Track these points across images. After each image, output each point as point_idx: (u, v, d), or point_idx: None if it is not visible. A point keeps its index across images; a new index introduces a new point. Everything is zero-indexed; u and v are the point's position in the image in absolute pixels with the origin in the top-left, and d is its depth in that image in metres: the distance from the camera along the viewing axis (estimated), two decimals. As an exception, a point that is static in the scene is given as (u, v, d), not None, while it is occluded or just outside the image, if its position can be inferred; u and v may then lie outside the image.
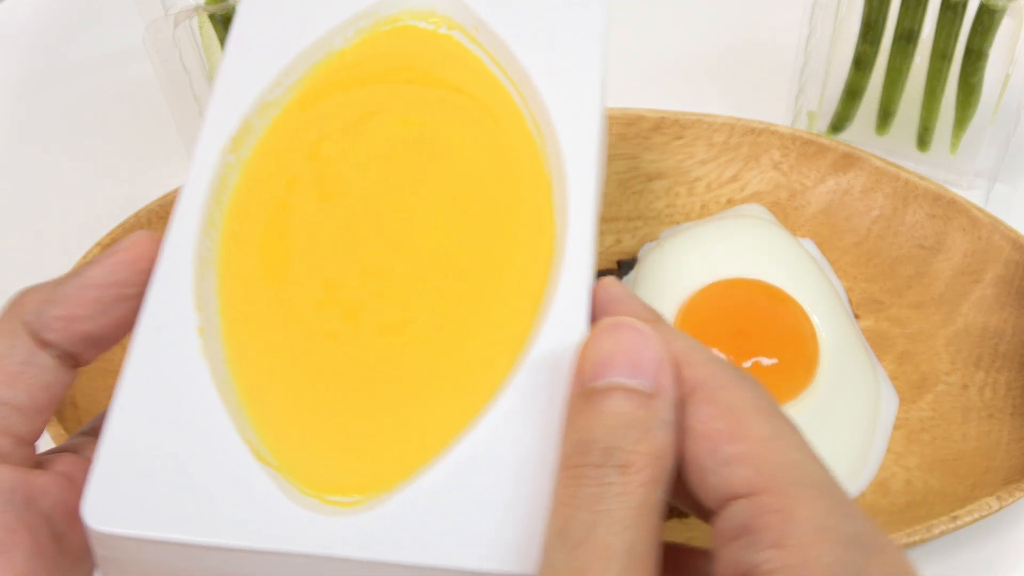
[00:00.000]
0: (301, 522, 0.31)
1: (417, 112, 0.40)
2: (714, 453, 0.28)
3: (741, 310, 0.50)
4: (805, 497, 0.27)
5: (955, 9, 0.54)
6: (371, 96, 0.40)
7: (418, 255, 0.37)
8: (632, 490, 0.28)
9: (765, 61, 0.68)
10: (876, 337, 0.54)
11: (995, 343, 0.52)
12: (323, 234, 0.37)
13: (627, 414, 0.29)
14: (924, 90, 0.58)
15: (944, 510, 0.46)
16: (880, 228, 0.56)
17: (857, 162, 0.57)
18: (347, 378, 0.35)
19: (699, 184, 0.58)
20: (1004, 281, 0.53)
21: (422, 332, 0.36)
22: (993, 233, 0.53)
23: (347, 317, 0.36)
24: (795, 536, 0.27)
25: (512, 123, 0.40)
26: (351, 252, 0.37)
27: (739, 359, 0.48)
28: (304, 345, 0.35)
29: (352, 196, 0.38)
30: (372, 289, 0.36)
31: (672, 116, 0.58)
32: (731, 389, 0.29)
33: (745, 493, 0.28)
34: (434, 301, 0.36)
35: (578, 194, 0.38)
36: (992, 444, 0.49)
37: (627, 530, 0.27)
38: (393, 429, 0.34)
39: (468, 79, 0.41)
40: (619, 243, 0.57)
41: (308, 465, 0.33)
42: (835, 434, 0.49)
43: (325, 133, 0.39)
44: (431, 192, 0.39)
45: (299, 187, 0.38)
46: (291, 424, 0.34)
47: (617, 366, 0.30)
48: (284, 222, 0.37)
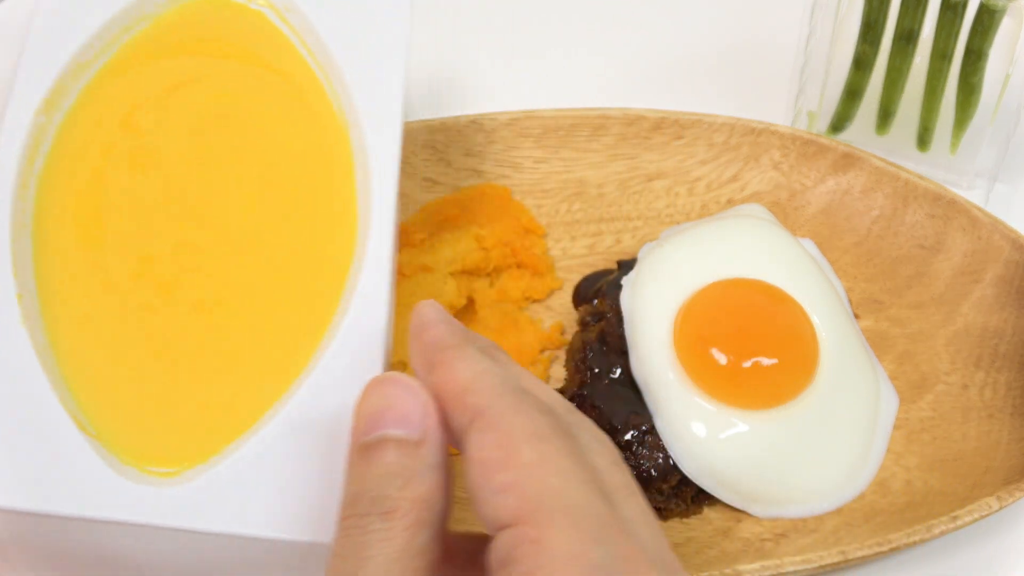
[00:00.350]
0: (119, 491, 0.32)
1: (229, 87, 0.41)
2: (487, 481, 0.29)
3: (741, 310, 0.50)
4: (558, 526, 0.28)
5: (955, 9, 0.54)
6: (184, 67, 0.40)
7: (229, 232, 0.38)
8: (395, 535, 0.29)
9: (765, 61, 0.68)
10: (876, 337, 0.54)
11: (995, 343, 0.52)
12: (137, 205, 0.38)
13: (394, 463, 0.30)
14: (924, 90, 0.58)
15: (944, 510, 0.46)
16: (880, 228, 0.56)
17: (857, 162, 0.57)
18: (163, 352, 0.36)
19: (699, 184, 0.58)
20: (1004, 281, 0.53)
21: (233, 309, 0.37)
22: (993, 233, 0.53)
23: (162, 291, 0.36)
24: (544, 567, 0.27)
25: (319, 104, 0.41)
26: (165, 225, 0.38)
27: (739, 359, 0.48)
28: (121, 317, 0.36)
29: (165, 168, 0.38)
30: (185, 264, 0.37)
31: (672, 116, 0.58)
32: (510, 415, 0.30)
33: (509, 522, 0.28)
34: (244, 280, 0.37)
35: (380, 176, 0.39)
36: (992, 444, 0.49)
37: (387, 574, 0.29)
38: (207, 403, 0.35)
39: (279, 57, 0.41)
40: (619, 243, 0.57)
41: (127, 436, 0.34)
42: (835, 434, 0.49)
43: (139, 102, 0.39)
44: (242, 169, 0.39)
45: (113, 156, 0.38)
46: (110, 395, 0.35)
47: (386, 420, 0.31)
48: (99, 190, 0.37)
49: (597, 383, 0.50)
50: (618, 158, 0.58)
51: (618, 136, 0.58)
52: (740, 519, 0.49)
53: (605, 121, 0.58)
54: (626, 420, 0.48)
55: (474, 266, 0.54)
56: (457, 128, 0.57)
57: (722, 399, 0.48)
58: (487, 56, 0.68)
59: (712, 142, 0.58)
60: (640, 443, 0.48)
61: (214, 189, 0.39)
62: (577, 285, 0.56)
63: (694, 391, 0.48)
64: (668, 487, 0.48)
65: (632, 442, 0.48)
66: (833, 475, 0.49)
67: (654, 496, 0.48)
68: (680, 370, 0.49)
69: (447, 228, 0.55)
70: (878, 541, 0.45)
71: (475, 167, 0.58)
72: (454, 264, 0.53)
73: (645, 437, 0.48)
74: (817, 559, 0.45)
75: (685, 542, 0.48)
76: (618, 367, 0.50)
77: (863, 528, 0.47)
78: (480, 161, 0.58)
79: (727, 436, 0.48)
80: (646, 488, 0.48)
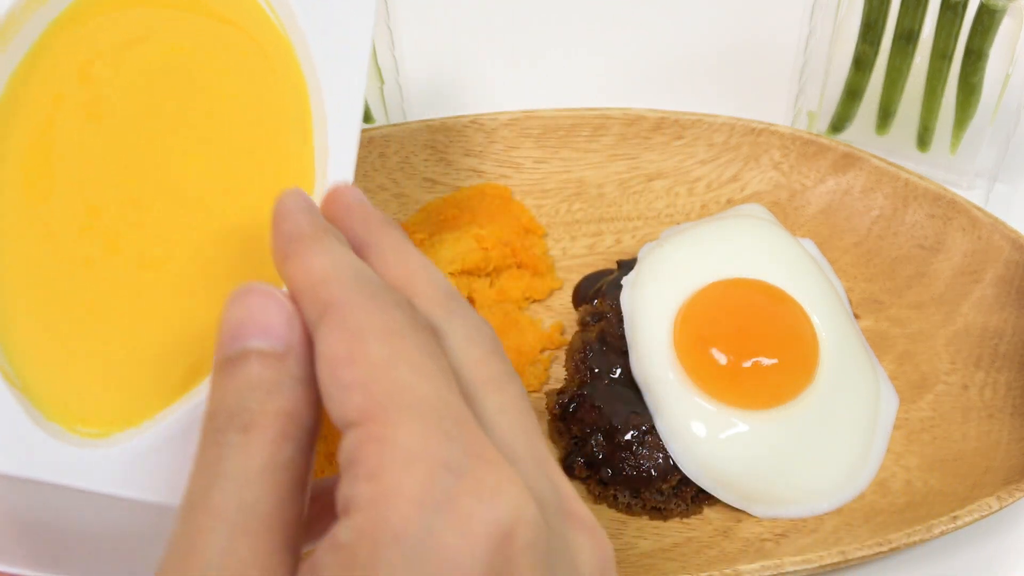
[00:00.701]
0: (40, 446, 0.31)
1: (188, 41, 0.39)
2: (334, 378, 0.28)
3: (741, 310, 0.50)
4: (405, 423, 0.26)
5: (955, 9, 0.54)
6: (143, 18, 0.39)
7: (181, 190, 0.37)
8: (254, 450, 0.28)
9: (765, 61, 0.68)
10: (876, 337, 0.54)
11: (995, 343, 0.52)
12: (88, 157, 0.36)
13: (255, 376, 0.29)
14: (924, 90, 0.58)
15: (944, 510, 0.46)
16: (880, 228, 0.56)
17: (857, 162, 0.57)
18: (103, 309, 0.34)
19: (699, 184, 0.58)
20: (1004, 281, 0.53)
21: (179, 269, 0.35)
22: (993, 233, 0.53)
23: (107, 246, 0.35)
24: (387, 466, 0.26)
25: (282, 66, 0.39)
26: (115, 179, 0.36)
27: (739, 359, 0.48)
28: (62, 269, 0.34)
29: (119, 120, 0.37)
30: (133, 220, 0.36)
31: (672, 116, 0.58)
32: (361, 309, 0.28)
33: (357, 421, 0.27)
34: (193, 239, 0.36)
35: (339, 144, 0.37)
36: (992, 444, 0.49)
37: (244, 489, 0.27)
38: (143, 364, 0.34)
39: (239, 12, 0.40)
40: (619, 243, 0.57)
41: (56, 392, 0.33)
42: (835, 434, 0.49)
43: (97, 52, 0.38)
44: (197, 126, 0.38)
45: (67, 105, 0.37)
46: (41, 348, 0.33)
47: (248, 332, 0.29)
48: (49, 139, 0.36)
49: (597, 383, 0.50)
50: (618, 158, 0.58)
51: (618, 136, 0.58)
52: (740, 519, 0.49)
53: (605, 121, 0.58)
54: (626, 420, 0.48)
55: (474, 266, 0.54)
56: (457, 128, 0.57)
57: (722, 399, 0.48)
58: (487, 56, 0.68)
59: (712, 142, 0.58)
60: (640, 443, 0.48)
61: (168, 145, 0.37)
62: (577, 285, 0.56)
63: (694, 391, 0.48)
64: (668, 487, 0.48)
65: (632, 442, 0.48)
66: (833, 475, 0.49)
67: (654, 496, 0.48)
68: (680, 370, 0.49)
69: (447, 228, 0.55)
70: (878, 541, 0.45)
71: (475, 167, 0.58)
72: (454, 264, 0.53)
73: (645, 437, 0.48)
74: (817, 559, 0.45)
75: (685, 542, 0.48)
76: (618, 367, 0.50)
77: (863, 528, 0.47)
78: (480, 161, 0.58)
79: (727, 436, 0.48)
80: (646, 488, 0.48)
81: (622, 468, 0.48)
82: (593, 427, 0.49)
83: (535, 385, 0.52)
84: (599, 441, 0.48)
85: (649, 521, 0.49)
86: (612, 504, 0.49)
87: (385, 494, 0.26)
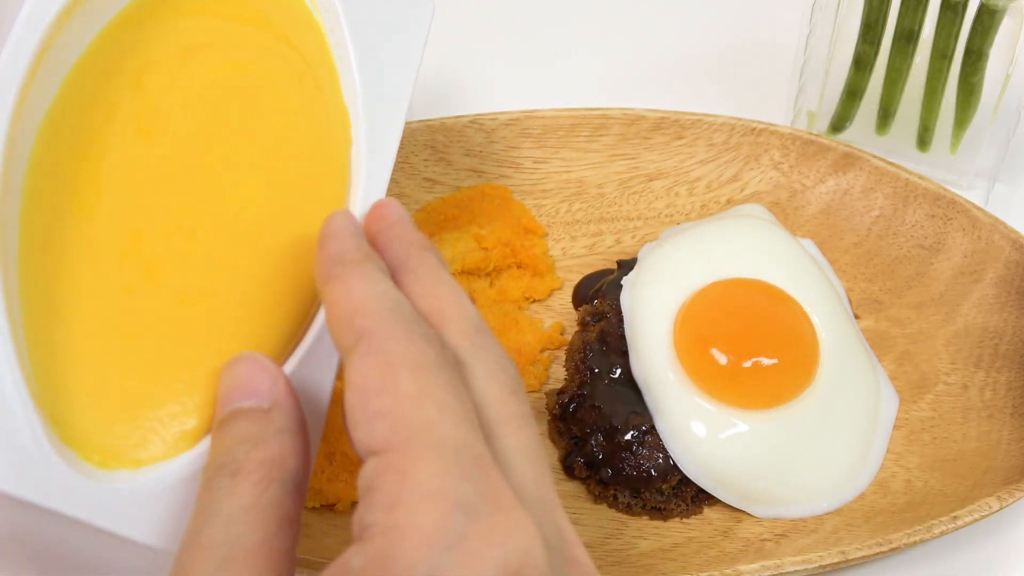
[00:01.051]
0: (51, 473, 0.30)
1: (244, 56, 0.38)
2: (362, 406, 0.29)
3: (741, 310, 0.50)
4: (425, 459, 0.27)
5: (955, 9, 0.54)
6: (199, 28, 0.37)
7: (226, 220, 0.36)
8: (241, 491, 0.30)
9: (765, 61, 0.68)
10: (876, 337, 0.54)
11: (995, 343, 0.52)
12: (137, 175, 0.35)
13: (243, 431, 0.31)
14: (924, 90, 0.58)
15: (944, 510, 0.46)
16: (880, 228, 0.56)
17: (857, 162, 0.57)
18: (136, 341, 0.34)
19: (699, 184, 0.58)
20: (1004, 281, 0.53)
21: (218, 307, 0.35)
22: (993, 233, 0.53)
23: (147, 275, 0.34)
24: (405, 500, 0.27)
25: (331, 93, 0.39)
26: (162, 201, 0.35)
27: (739, 359, 0.48)
28: (100, 295, 0.34)
29: (171, 137, 0.36)
30: (176, 247, 0.35)
31: (672, 116, 0.58)
32: (395, 341, 0.30)
33: (379, 450, 0.28)
34: (234, 273, 0.36)
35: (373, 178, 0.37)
36: (992, 444, 0.49)
37: (231, 525, 0.29)
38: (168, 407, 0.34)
39: (296, 29, 0.39)
40: (619, 243, 0.57)
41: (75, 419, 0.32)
42: (835, 434, 0.49)
43: (150, 61, 0.36)
44: (251, 151, 0.37)
45: (119, 117, 0.35)
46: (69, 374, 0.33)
47: (237, 395, 0.32)
48: (99, 153, 0.34)
49: (597, 383, 0.50)
50: (618, 158, 0.58)
51: (618, 136, 0.58)
52: (740, 519, 0.48)
53: (605, 121, 0.58)
54: (626, 420, 0.48)
55: (474, 266, 0.54)
56: (457, 128, 0.57)
57: (722, 399, 0.48)
58: (487, 56, 0.68)
59: (712, 142, 0.58)
60: (640, 443, 0.48)
61: (216, 169, 0.36)
62: (577, 285, 0.56)
63: (694, 391, 0.48)
64: (668, 487, 0.48)
65: (632, 442, 0.48)
66: (833, 475, 0.49)
67: (654, 496, 0.48)
68: (680, 370, 0.49)
69: (447, 228, 0.55)
70: (878, 541, 0.45)
71: (475, 167, 0.58)
72: (454, 264, 0.53)
73: (645, 437, 0.48)
74: (817, 559, 0.45)
75: (685, 542, 0.48)
76: (618, 367, 0.50)
77: (863, 528, 0.47)
78: (480, 161, 0.58)
79: (727, 436, 0.48)
80: (646, 488, 0.48)
81: (622, 468, 0.48)
82: (593, 427, 0.49)
83: (535, 385, 0.52)
84: (599, 441, 0.48)
85: (649, 521, 0.49)
86: (612, 504, 0.49)
87: (400, 527, 0.27)
